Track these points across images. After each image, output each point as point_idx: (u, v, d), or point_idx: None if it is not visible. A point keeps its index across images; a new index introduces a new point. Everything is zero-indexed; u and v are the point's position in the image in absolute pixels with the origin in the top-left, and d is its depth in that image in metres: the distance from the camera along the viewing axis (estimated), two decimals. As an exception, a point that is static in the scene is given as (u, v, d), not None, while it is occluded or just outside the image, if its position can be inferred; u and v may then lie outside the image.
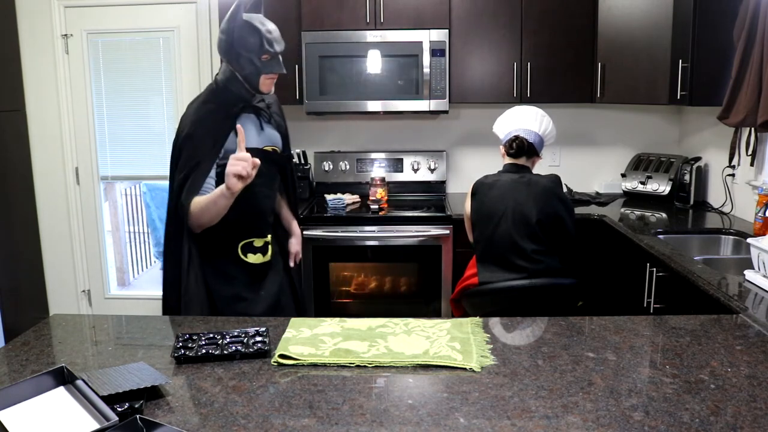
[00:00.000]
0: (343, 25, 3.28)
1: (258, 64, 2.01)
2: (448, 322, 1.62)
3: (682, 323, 1.61)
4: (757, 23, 2.52)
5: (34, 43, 3.72)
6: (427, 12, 3.27)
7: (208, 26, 3.64)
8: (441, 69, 3.27)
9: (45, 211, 3.90)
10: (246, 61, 2.00)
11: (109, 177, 3.90)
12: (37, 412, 1.16)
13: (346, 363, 1.38)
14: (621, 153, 3.76)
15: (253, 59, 2.00)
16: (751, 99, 2.54)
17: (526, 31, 3.31)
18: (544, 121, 2.56)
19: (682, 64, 2.84)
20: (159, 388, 1.27)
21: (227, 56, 2.03)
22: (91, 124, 3.80)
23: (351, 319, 1.65)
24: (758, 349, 1.44)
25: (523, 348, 1.47)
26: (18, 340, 1.54)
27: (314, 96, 3.32)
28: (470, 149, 3.80)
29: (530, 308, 2.35)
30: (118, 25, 3.68)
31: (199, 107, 2.07)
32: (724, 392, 1.23)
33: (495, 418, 1.14)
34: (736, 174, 2.99)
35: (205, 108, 2.06)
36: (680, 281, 2.15)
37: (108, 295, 4.01)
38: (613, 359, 1.39)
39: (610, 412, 1.16)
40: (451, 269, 3.18)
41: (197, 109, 2.07)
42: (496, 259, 2.42)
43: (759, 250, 1.92)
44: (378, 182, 3.40)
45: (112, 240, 4.13)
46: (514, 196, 2.42)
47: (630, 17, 3.16)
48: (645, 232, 2.68)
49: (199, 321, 1.69)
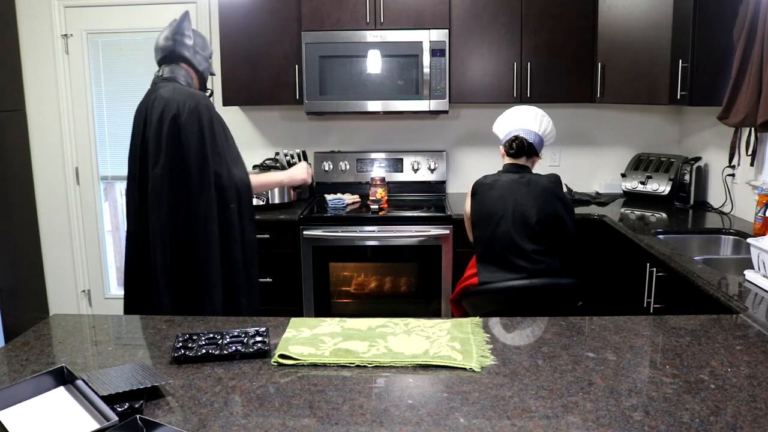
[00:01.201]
0: (343, 25, 3.28)
1: (209, 64, 2.38)
2: (448, 322, 1.62)
3: (682, 323, 1.61)
4: (757, 23, 2.52)
5: (34, 43, 3.72)
6: (427, 12, 3.27)
7: (208, 26, 3.64)
8: (441, 69, 3.27)
9: (45, 211, 3.90)
10: (203, 60, 2.34)
11: (109, 177, 3.90)
12: (37, 412, 1.16)
13: (346, 363, 1.38)
14: (621, 153, 3.76)
15: (208, 60, 2.37)
16: (750, 99, 2.54)
17: (526, 31, 3.31)
18: (543, 120, 2.56)
19: (682, 64, 2.84)
20: (159, 388, 1.27)
21: (194, 57, 2.31)
22: (91, 124, 3.80)
23: (351, 319, 1.65)
24: (758, 349, 1.44)
25: (523, 348, 1.47)
26: (18, 340, 1.54)
27: (314, 96, 3.32)
28: (470, 149, 3.80)
29: (530, 308, 2.35)
30: (118, 25, 3.68)
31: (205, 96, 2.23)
32: (724, 392, 1.23)
33: (495, 418, 1.14)
34: (736, 174, 2.99)
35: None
36: (680, 281, 2.15)
37: (108, 295, 4.01)
38: (613, 359, 1.39)
39: (610, 412, 1.16)
40: (451, 269, 3.18)
41: (206, 97, 2.22)
42: (496, 259, 2.42)
43: (759, 250, 1.92)
44: (378, 182, 3.40)
45: (112, 240, 4.13)
46: (514, 196, 2.42)
47: (630, 17, 3.16)
48: (645, 232, 2.68)
49: (199, 321, 1.69)
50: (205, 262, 2.11)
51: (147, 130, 2.18)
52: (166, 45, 2.27)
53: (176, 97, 2.13)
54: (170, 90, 2.17)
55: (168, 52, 2.27)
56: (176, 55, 2.27)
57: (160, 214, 2.11)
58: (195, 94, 2.18)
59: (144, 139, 2.19)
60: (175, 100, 2.13)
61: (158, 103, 2.15)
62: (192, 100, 2.13)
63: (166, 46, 2.27)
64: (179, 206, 2.12)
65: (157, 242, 2.11)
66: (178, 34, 2.27)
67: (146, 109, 2.21)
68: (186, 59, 2.28)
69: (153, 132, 2.14)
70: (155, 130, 2.13)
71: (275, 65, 3.38)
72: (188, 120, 2.10)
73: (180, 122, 2.09)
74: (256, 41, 3.35)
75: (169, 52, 2.27)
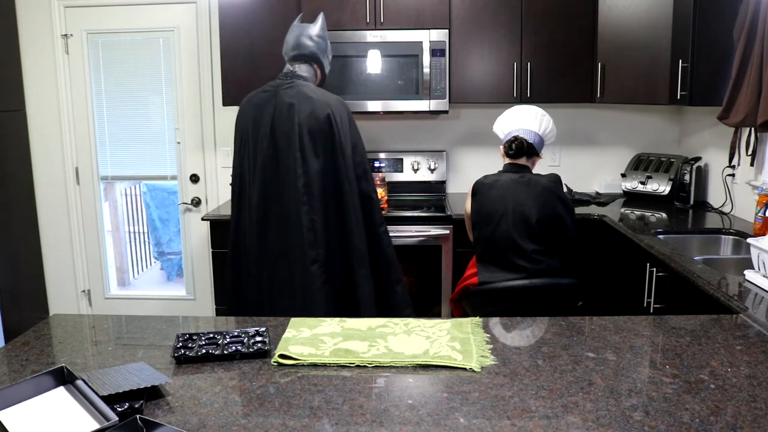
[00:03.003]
0: (343, 25, 3.28)
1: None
2: (448, 322, 1.62)
3: (682, 323, 1.61)
4: (757, 23, 2.52)
5: (34, 43, 3.72)
6: (427, 12, 3.27)
7: (208, 26, 3.64)
8: (441, 69, 3.27)
9: (45, 211, 3.90)
10: (329, 63, 2.47)
11: (109, 177, 3.90)
12: (37, 412, 1.16)
13: (346, 363, 1.38)
14: (621, 153, 3.76)
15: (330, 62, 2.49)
16: (751, 99, 2.54)
17: (526, 30, 3.31)
18: (543, 120, 2.56)
19: (682, 64, 2.84)
20: (159, 388, 1.27)
21: (324, 59, 2.42)
22: (91, 124, 3.80)
23: (351, 319, 1.65)
24: (758, 349, 1.44)
25: (523, 348, 1.47)
26: (18, 340, 1.54)
27: (314, 96, 3.31)
28: (470, 149, 3.80)
29: (530, 308, 2.35)
30: (118, 25, 3.68)
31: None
32: (724, 392, 1.23)
33: (495, 418, 1.14)
34: (736, 174, 2.99)
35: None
36: (680, 281, 2.15)
37: (108, 295, 4.01)
38: (613, 359, 1.39)
39: (610, 412, 1.16)
40: (451, 269, 3.17)
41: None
42: (496, 259, 2.42)
43: (759, 250, 1.92)
44: (378, 182, 3.40)
45: (112, 240, 4.13)
46: (514, 196, 2.42)
47: (630, 17, 3.16)
48: (645, 232, 2.68)
49: (199, 321, 1.69)
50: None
51: (284, 124, 2.23)
52: (308, 44, 2.37)
53: (326, 99, 2.24)
54: (312, 90, 2.27)
55: (308, 51, 2.37)
56: (313, 56, 2.38)
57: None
58: (338, 98, 2.31)
59: (273, 131, 2.24)
60: (325, 101, 2.23)
61: (304, 101, 2.22)
62: (341, 103, 2.27)
63: (307, 44, 2.37)
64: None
65: (355, 233, 2.22)
66: (321, 37, 2.42)
67: (277, 103, 2.25)
68: (319, 61, 2.40)
69: (309, 127, 2.20)
70: (313, 126, 2.20)
71: (275, 65, 3.36)
72: (343, 121, 2.23)
73: (336, 121, 2.21)
74: (257, 41, 3.35)
75: (309, 52, 2.38)
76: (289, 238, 2.18)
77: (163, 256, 4.56)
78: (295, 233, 2.17)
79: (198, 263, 3.89)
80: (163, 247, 4.52)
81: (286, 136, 2.20)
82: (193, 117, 3.75)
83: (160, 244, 4.55)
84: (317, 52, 2.38)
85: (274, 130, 2.22)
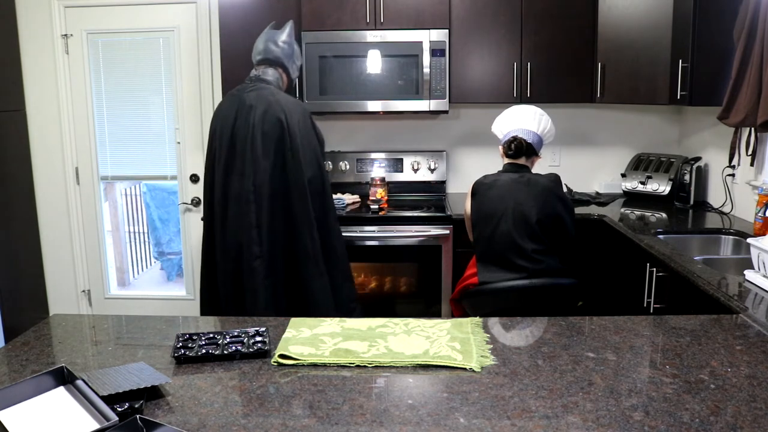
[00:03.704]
0: (343, 25, 3.28)
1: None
2: (448, 322, 1.62)
3: (682, 323, 1.61)
4: (757, 23, 2.52)
5: (34, 43, 3.72)
6: (427, 12, 3.27)
7: (208, 26, 3.64)
8: (441, 69, 3.27)
9: (45, 211, 3.90)
10: (297, 69, 2.54)
11: (109, 177, 3.90)
12: (37, 412, 1.16)
13: (346, 363, 1.38)
14: (621, 153, 3.76)
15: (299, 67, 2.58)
16: (751, 99, 2.54)
17: (526, 31, 3.31)
18: (542, 120, 2.56)
19: (682, 64, 2.84)
20: (159, 388, 1.27)
21: (290, 64, 2.51)
22: (91, 124, 3.80)
23: (351, 319, 1.65)
24: (758, 349, 1.44)
25: (523, 348, 1.47)
26: (18, 340, 1.54)
27: (314, 96, 3.32)
28: (470, 149, 3.80)
29: (530, 308, 2.35)
30: (118, 25, 3.68)
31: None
32: (724, 392, 1.23)
33: (495, 418, 1.14)
34: (736, 174, 2.99)
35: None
36: (680, 281, 2.15)
37: (108, 295, 4.01)
38: (613, 359, 1.39)
39: (610, 412, 1.16)
40: (451, 269, 3.17)
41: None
42: (496, 259, 2.42)
43: (759, 250, 1.92)
44: (378, 182, 3.40)
45: (112, 240, 4.13)
46: (513, 196, 2.42)
47: (630, 17, 3.16)
48: (645, 232, 2.68)
49: (199, 321, 1.69)
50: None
51: (243, 126, 2.33)
52: (274, 49, 2.48)
53: (282, 102, 2.33)
54: (272, 92, 2.37)
55: (273, 55, 2.47)
56: (278, 60, 2.48)
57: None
58: (296, 101, 2.44)
59: (251, 131, 2.33)
60: (280, 104, 2.32)
61: (261, 103, 2.32)
62: (298, 105, 2.38)
63: (273, 49, 2.47)
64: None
65: (305, 231, 2.30)
66: (287, 43, 2.50)
67: (239, 105, 2.35)
68: (284, 66, 2.49)
69: (263, 129, 2.30)
70: (265, 128, 2.30)
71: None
72: (297, 122, 2.32)
73: (289, 123, 2.30)
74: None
75: (274, 56, 2.47)
76: (240, 236, 2.31)
77: (163, 256, 4.56)
78: (245, 231, 2.30)
79: (198, 263, 3.85)
80: (163, 247, 4.52)
81: (243, 137, 2.32)
82: (193, 117, 3.74)
83: (160, 244, 4.54)
84: (282, 57, 2.49)
85: (234, 131, 2.35)
